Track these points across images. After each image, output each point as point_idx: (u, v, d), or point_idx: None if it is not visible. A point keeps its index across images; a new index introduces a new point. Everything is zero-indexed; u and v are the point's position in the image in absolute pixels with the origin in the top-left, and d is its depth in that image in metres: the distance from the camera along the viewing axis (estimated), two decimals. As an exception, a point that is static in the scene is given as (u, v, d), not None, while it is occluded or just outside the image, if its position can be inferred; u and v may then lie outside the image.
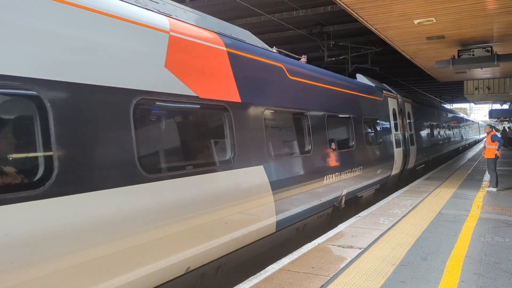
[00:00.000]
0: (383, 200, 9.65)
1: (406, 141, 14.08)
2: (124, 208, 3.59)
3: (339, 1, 7.54)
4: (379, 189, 11.26)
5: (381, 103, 12.12)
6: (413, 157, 14.95)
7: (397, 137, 12.96)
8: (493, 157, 11.07)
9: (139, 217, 3.72)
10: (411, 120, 15.35)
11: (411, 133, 15.00)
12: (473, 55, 10.82)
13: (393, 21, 8.96)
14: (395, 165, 12.50)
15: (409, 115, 15.26)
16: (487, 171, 11.79)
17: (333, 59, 16.97)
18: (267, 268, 4.98)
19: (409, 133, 14.69)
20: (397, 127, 13.20)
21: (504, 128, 37.50)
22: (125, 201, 3.62)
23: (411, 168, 14.93)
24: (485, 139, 11.84)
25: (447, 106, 41.59)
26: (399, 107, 13.94)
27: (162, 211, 3.95)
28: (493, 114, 35.81)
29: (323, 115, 7.87)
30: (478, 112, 77.26)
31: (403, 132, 13.90)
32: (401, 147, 13.35)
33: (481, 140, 48.31)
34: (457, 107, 56.74)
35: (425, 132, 18.59)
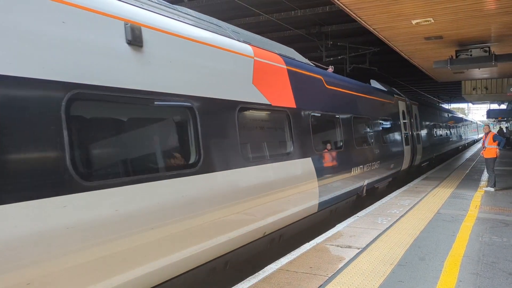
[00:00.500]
0: (381, 200, 9.68)
1: (413, 139, 15.30)
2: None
3: (337, 1, 7.54)
4: (390, 182, 12.35)
5: (393, 106, 13.48)
6: (420, 154, 16.09)
7: (406, 136, 14.26)
8: (494, 156, 11.09)
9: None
10: (417, 120, 16.46)
11: (417, 133, 16.19)
12: (471, 55, 10.83)
13: (391, 21, 8.96)
14: (405, 161, 13.84)
15: (416, 116, 16.34)
16: (486, 170, 11.78)
17: (331, 59, 16.96)
18: (266, 268, 5.00)
19: (416, 132, 15.86)
20: (406, 127, 14.49)
21: (500, 128, 37.47)
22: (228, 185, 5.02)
23: (418, 164, 16.02)
24: (483, 139, 11.83)
25: (446, 106, 41.67)
26: (408, 109, 15.11)
27: (263, 187, 5.59)
28: (491, 114, 35.83)
29: (350, 117, 9.27)
30: (476, 112, 77.58)
31: (411, 131, 15.15)
32: (410, 145, 14.62)
33: (479, 139, 48.33)
34: (455, 107, 56.78)
35: (430, 131, 19.65)
